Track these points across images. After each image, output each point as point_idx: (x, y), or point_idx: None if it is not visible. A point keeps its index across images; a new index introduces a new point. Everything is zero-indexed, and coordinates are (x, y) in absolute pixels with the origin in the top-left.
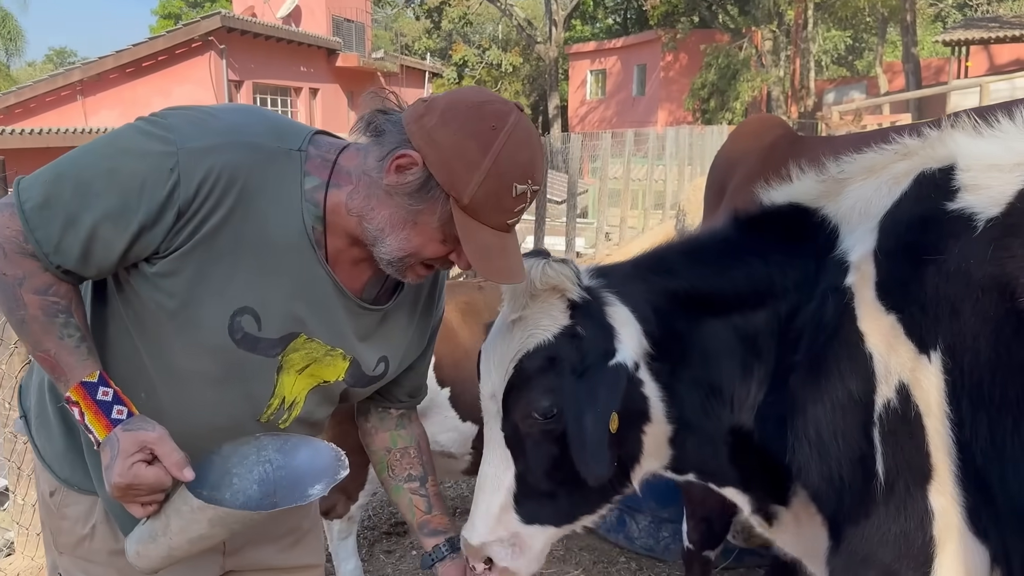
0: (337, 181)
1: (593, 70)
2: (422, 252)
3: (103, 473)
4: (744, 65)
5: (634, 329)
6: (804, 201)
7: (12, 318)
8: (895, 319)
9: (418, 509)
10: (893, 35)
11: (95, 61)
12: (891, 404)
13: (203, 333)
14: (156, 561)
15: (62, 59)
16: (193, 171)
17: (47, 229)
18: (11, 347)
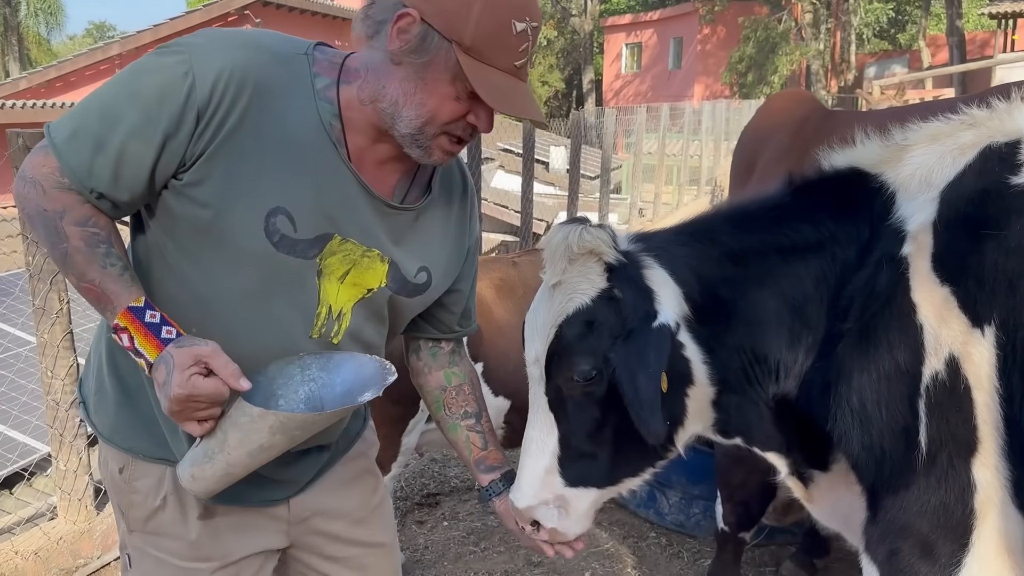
0: (347, 78)
1: (628, 43)
2: (439, 115)
3: (159, 392)
4: (783, 38)
5: (673, 291)
6: (864, 166)
7: (55, 252)
8: (949, 291)
9: (474, 446)
10: (937, 7)
11: (133, 35)
12: (939, 376)
13: (241, 239)
14: (212, 481)
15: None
16: (206, 72)
17: (79, 157)
18: (52, 317)
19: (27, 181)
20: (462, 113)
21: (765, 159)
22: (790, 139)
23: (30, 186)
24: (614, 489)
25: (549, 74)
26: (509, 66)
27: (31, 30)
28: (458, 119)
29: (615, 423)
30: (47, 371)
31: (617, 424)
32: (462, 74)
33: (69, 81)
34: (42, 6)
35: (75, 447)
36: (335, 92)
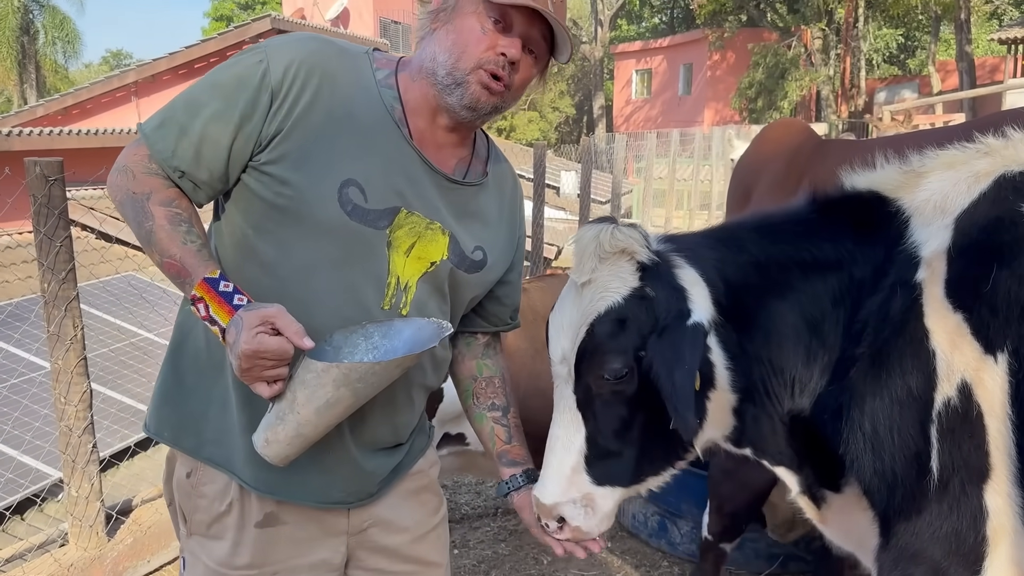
0: (403, 68)
1: (639, 69)
2: (469, 49)
3: (230, 353)
4: (793, 64)
5: (703, 291)
6: (883, 190)
7: (141, 231)
8: (962, 318)
9: (499, 439)
10: (946, 33)
11: (149, 63)
12: (951, 402)
13: (318, 209)
14: (285, 444)
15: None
16: (279, 60)
17: (165, 141)
18: (67, 343)
19: (119, 170)
20: (490, 44)
21: (760, 189)
22: (784, 169)
23: (121, 173)
24: (637, 488)
25: (560, 100)
26: None
27: (48, 58)
28: (487, 51)
29: (642, 421)
30: (60, 397)
31: (643, 422)
32: (483, 5)
33: (86, 108)
34: (60, 35)
35: (87, 473)
36: (394, 80)
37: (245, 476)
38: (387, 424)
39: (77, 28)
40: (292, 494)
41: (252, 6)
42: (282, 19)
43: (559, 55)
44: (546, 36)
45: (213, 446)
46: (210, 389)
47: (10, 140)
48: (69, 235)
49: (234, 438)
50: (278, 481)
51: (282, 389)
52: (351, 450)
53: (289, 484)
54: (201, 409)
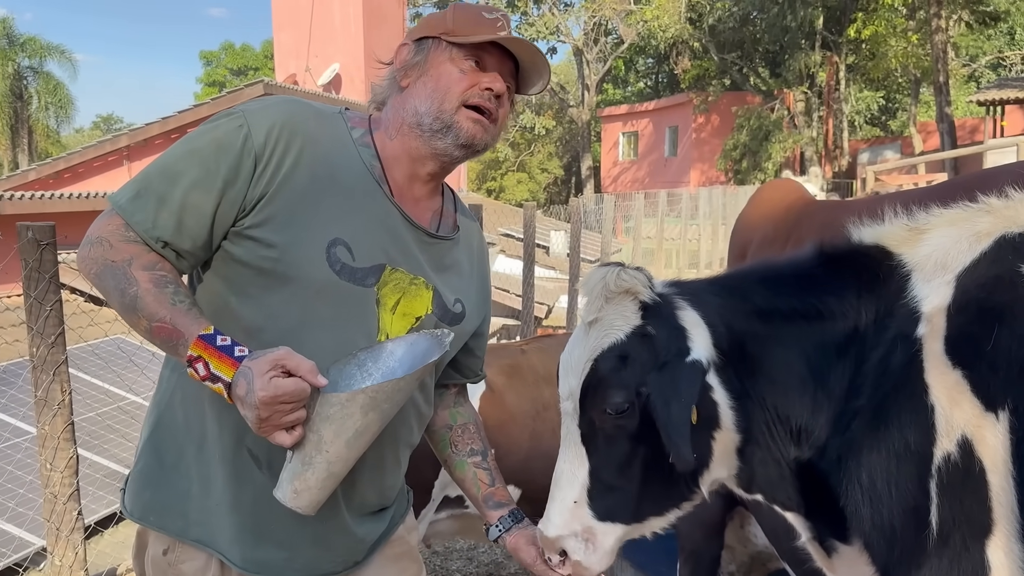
0: (375, 127)
1: (625, 132)
2: (450, 90)
3: (242, 408)
4: (776, 126)
5: (704, 333)
6: (888, 244)
7: (124, 298)
8: (961, 375)
9: (482, 482)
10: (926, 95)
11: (141, 127)
12: (951, 458)
13: (307, 271)
14: (317, 490)
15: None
16: (260, 124)
17: (143, 212)
18: (54, 408)
19: (93, 242)
20: (472, 82)
21: (753, 247)
22: (773, 229)
23: (96, 245)
24: (640, 527)
25: (548, 162)
26: (489, 31)
27: (41, 123)
28: (470, 88)
29: (644, 458)
30: (46, 463)
31: (646, 459)
32: (456, 50)
33: (77, 172)
34: (53, 100)
35: (71, 541)
36: (370, 138)
37: (232, 556)
38: (376, 485)
39: (70, 93)
40: (282, 571)
41: (244, 72)
42: (275, 84)
43: (531, 87)
44: (513, 72)
45: (198, 527)
46: (190, 467)
47: (1, 204)
48: (59, 299)
49: (219, 517)
50: (269, 558)
51: (303, 434)
52: (344, 516)
53: (280, 560)
54: (184, 487)
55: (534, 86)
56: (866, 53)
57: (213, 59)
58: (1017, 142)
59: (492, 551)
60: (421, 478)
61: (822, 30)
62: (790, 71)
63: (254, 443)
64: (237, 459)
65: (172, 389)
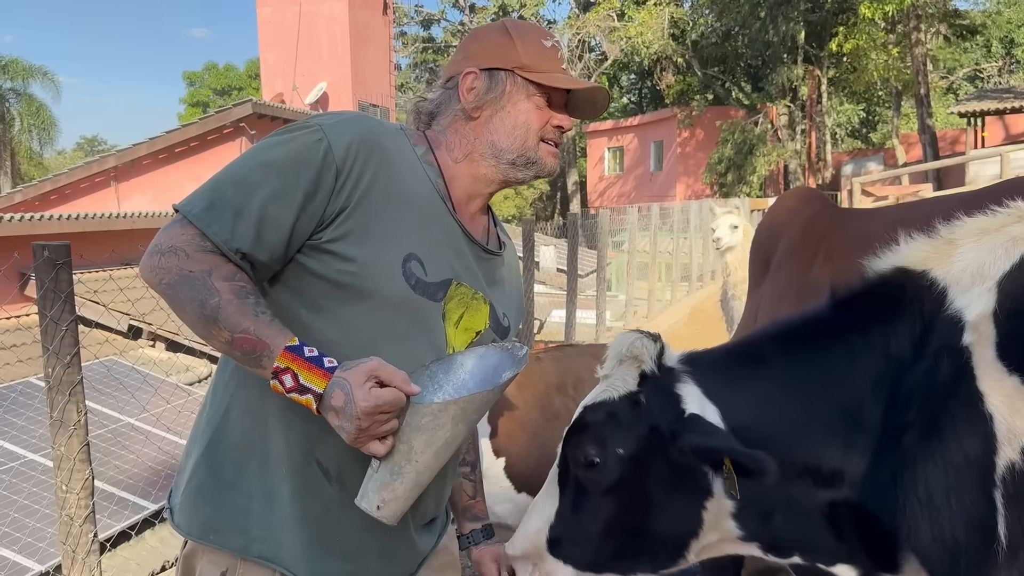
0: (435, 146)
1: (610, 147)
2: (532, 127)
3: (338, 419)
4: (760, 140)
5: (709, 407)
6: (910, 264)
7: (204, 309)
8: (1020, 380)
9: (465, 493)
10: (907, 107)
11: (129, 148)
12: (1017, 467)
13: (384, 285)
14: (404, 500)
15: (92, 147)
16: (339, 138)
17: (220, 223)
18: (70, 429)
19: (164, 251)
20: (547, 119)
21: (777, 257)
22: (800, 237)
23: (168, 254)
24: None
25: None
26: (558, 69)
27: (24, 145)
28: (545, 126)
29: (606, 515)
30: (62, 485)
31: (608, 517)
32: (533, 87)
33: (64, 194)
34: (36, 122)
35: (87, 564)
36: (433, 157)
37: (299, 571)
38: (437, 495)
39: (53, 115)
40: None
41: (228, 92)
42: (263, 104)
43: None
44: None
45: (261, 543)
46: (252, 483)
47: None
48: (75, 319)
49: (285, 534)
50: (335, 571)
51: (393, 444)
52: (410, 527)
53: (346, 573)
54: (243, 504)
55: (586, 114)
56: (847, 66)
57: (196, 79)
58: (1000, 152)
59: None
60: None
61: (804, 44)
62: (773, 85)
63: (324, 456)
64: (306, 473)
65: (227, 405)
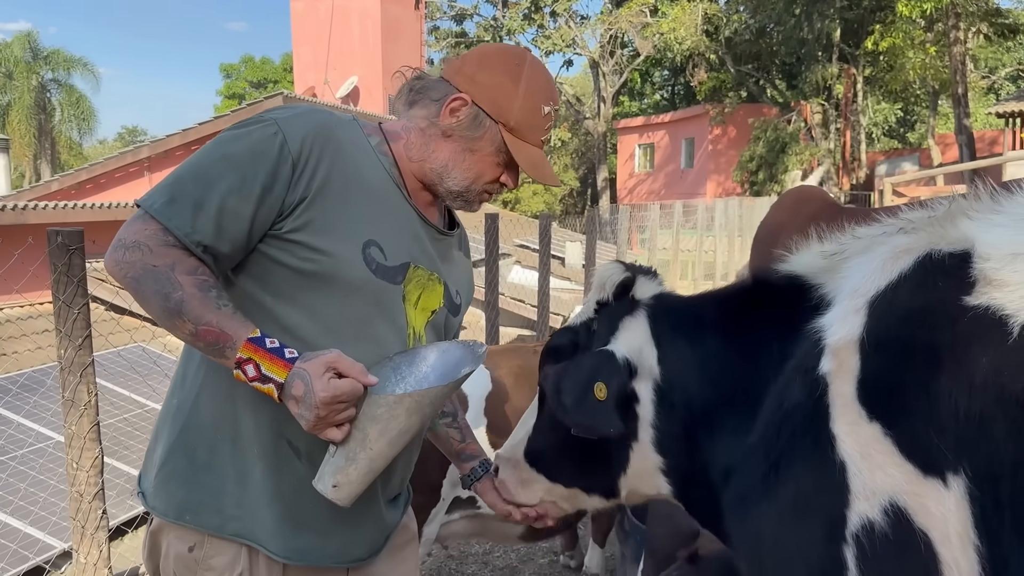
0: (391, 138)
1: (641, 144)
2: (483, 177)
3: (298, 407)
4: (793, 138)
5: (646, 348)
6: (805, 273)
7: (168, 303)
8: (881, 430)
9: (454, 440)
10: (945, 107)
11: (162, 139)
12: (876, 527)
13: (346, 271)
14: (357, 484)
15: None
16: (294, 131)
17: (180, 218)
18: (81, 409)
19: (128, 246)
20: (499, 176)
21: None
22: (800, 236)
23: (132, 249)
24: (563, 491)
25: (564, 173)
26: (538, 141)
27: (64, 135)
28: (494, 181)
29: (561, 437)
30: (72, 463)
31: (563, 439)
32: (505, 148)
33: (99, 183)
34: (76, 112)
35: (96, 540)
36: (387, 148)
37: (273, 547)
38: (406, 469)
39: (92, 105)
40: (318, 558)
41: (264, 84)
42: (294, 97)
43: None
44: None
45: (235, 521)
46: (224, 464)
47: (25, 213)
48: (87, 303)
49: (258, 510)
50: (307, 546)
51: (350, 431)
52: (379, 502)
53: (318, 547)
54: (217, 485)
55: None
56: (884, 65)
57: (233, 72)
58: None
59: (507, 555)
60: (428, 478)
61: (839, 42)
62: (807, 83)
63: (294, 435)
64: (277, 451)
65: (197, 389)
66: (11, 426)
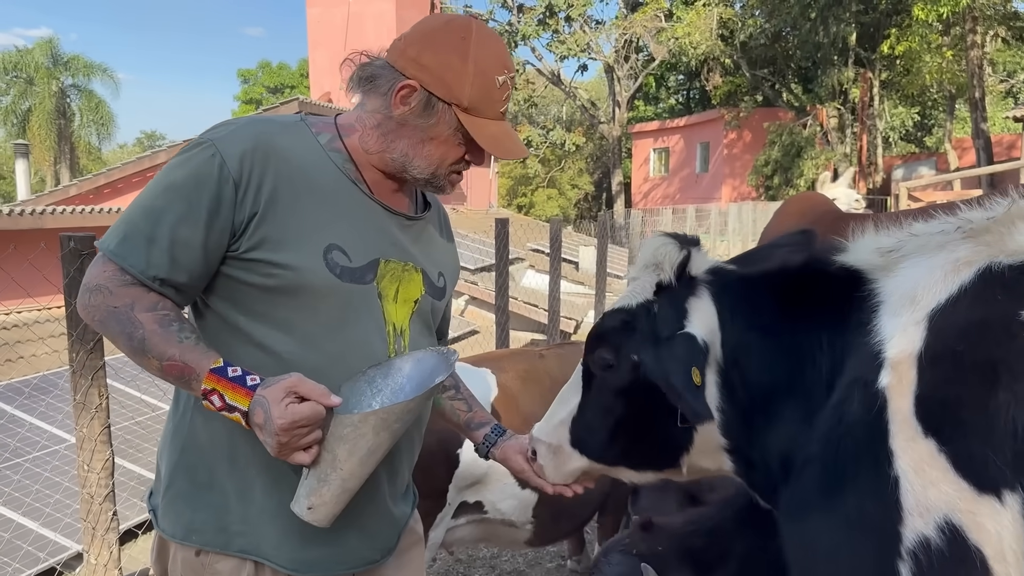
0: (345, 132)
1: (656, 148)
2: (446, 160)
3: (261, 434)
4: (808, 142)
5: (715, 331)
6: (863, 268)
7: (132, 342)
8: (935, 446)
9: (460, 411)
10: (962, 111)
11: (180, 144)
12: (931, 544)
13: (310, 280)
14: (332, 504)
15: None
16: (231, 150)
17: (135, 255)
18: (92, 411)
19: (91, 290)
20: (463, 154)
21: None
22: None
23: (95, 293)
24: (608, 468)
25: (579, 178)
26: (496, 114)
27: (83, 140)
28: (459, 161)
29: (620, 414)
30: (84, 465)
31: (621, 416)
32: (463, 128)
33: (117, 188)
34: (95, 117)
35: (106, 541)
36: (340, 143)
37: (279, 560)
38: (408, 463)
39: (111, 111)
40: (330, 567)
41: (280, 90)
42: (310, 103)
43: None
44: None
45: (241, 538)
46: (224, 482)
47: (43, 218)
48: None
49: (262, 525)
50: (317, 557)
51: (319, 453)
52: (386, 498)
53: (328, 556)
54: (220, 503)
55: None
56: (900, 69)
57: (250, 77)
58: None
59: (514, 560)
60: (434, 483)
61: (855, 46)
62: (823, 87)
63: None
64: (274, 466)
65: (191, 412)
66: (24, 427)
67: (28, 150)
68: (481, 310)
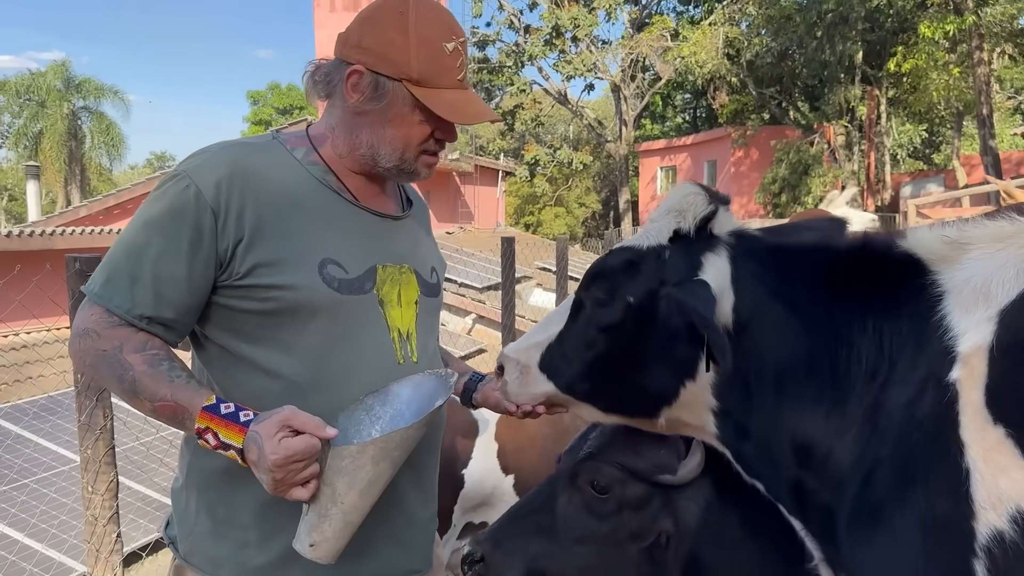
0: (318, 143)
1: (663, 166)
2: (412, 141)
3: (256, 471)
4: (816, 160)
5: (726, 291)
6: (925, 257)
7: (123, 384)
8: (1004, 433)
9: None
10: (970, 128)
11: None
12: (1006, 537)
13: (309, 298)
14: (334, 539)
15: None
16: (206, 179)
17: (119, 295)
18: (96, 432)
19: (80, 335)
20: (429, 132)
21: None
22: None
23: (84, 337)
24: (572, 401)
25: (586, 196)
26: (453, 82)
27: (94, 161)
28: (428, 138)
29: (598, 352)
30: (88, 486)
31: (600, 352)
32: (419, 103)
33: (127, 208)
34: (106, 139)
35: (111, 563)
36: (316, 155)
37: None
38: (432, 465)
39: (122, 132)
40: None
41: (290, 111)
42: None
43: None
44: None
45: (261, 572)
46: (243, 514)
47: (53, 239)
48: None
49: (283, 558)
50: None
51: (318, 486)
52: (413, 503)
53: (361, 570)
54: (241, 536)
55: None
56: (907, 86)
57: (260, 99)
58: None
59: None
60: (439, 504)
61: (862, 64)
62: (830, 105)
63: None
64: None
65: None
66: (30, 447)
67: (39, 172)
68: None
